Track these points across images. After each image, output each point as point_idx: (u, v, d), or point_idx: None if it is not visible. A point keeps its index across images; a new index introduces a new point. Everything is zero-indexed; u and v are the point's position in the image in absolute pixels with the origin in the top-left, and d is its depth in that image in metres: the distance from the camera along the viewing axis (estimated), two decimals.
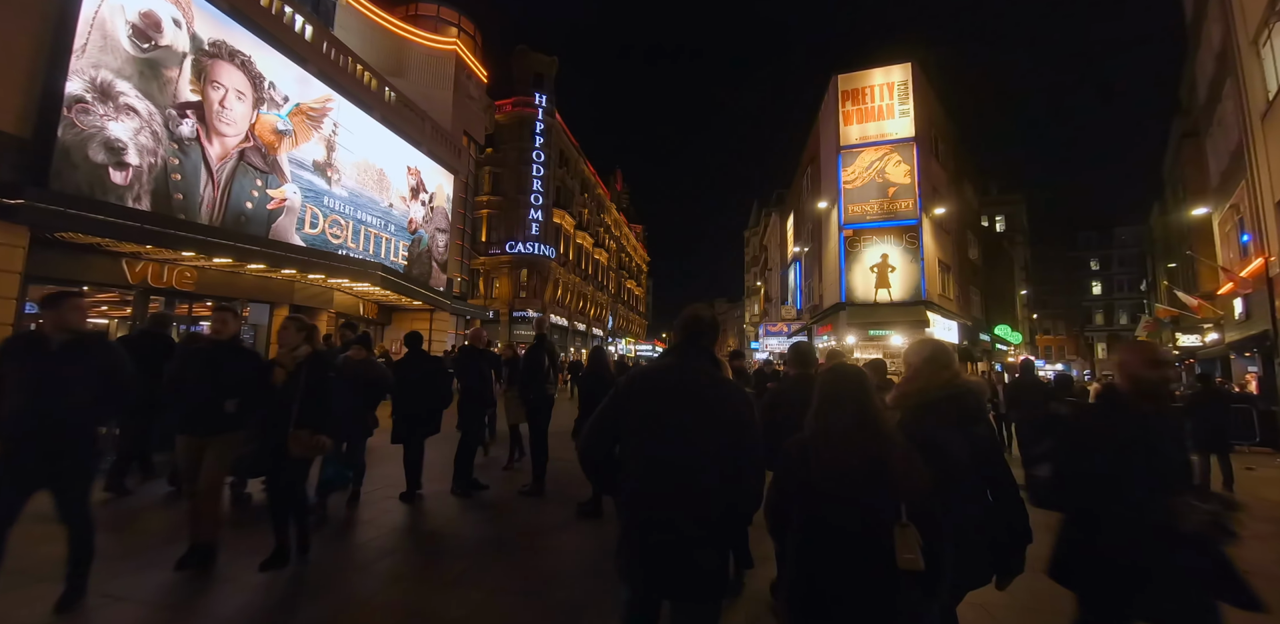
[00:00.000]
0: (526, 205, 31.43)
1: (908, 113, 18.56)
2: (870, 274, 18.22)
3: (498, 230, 31.79)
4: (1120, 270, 64.34)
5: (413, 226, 18.39)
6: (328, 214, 14.60)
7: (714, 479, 1.65)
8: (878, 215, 18.43)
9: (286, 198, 13.32)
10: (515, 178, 31.67)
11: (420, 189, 18.90)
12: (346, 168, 15.35)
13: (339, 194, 15.02)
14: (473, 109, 23.04)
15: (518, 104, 32.37)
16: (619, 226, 53.02)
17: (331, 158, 14.80)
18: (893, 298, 17.81)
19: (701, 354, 1.82)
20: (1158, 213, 34.11)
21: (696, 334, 1.85)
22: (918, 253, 17.89)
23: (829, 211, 20.37)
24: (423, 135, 18.75)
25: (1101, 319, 65.59)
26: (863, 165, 18.87)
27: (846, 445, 1.54)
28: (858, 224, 18.63)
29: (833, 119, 19.90)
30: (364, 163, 16.08)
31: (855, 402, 1.59)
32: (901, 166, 18.41)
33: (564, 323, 35.78)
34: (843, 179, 19.07)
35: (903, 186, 18.32)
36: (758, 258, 52.63)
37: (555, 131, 33.53)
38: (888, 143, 18.69)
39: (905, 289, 17.80)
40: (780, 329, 25.28)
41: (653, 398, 1.76)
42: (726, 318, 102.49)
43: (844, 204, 18.85)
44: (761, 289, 48.47)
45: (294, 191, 13.56)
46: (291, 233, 13.48)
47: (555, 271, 33.65)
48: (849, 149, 19.15)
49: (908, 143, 18.45)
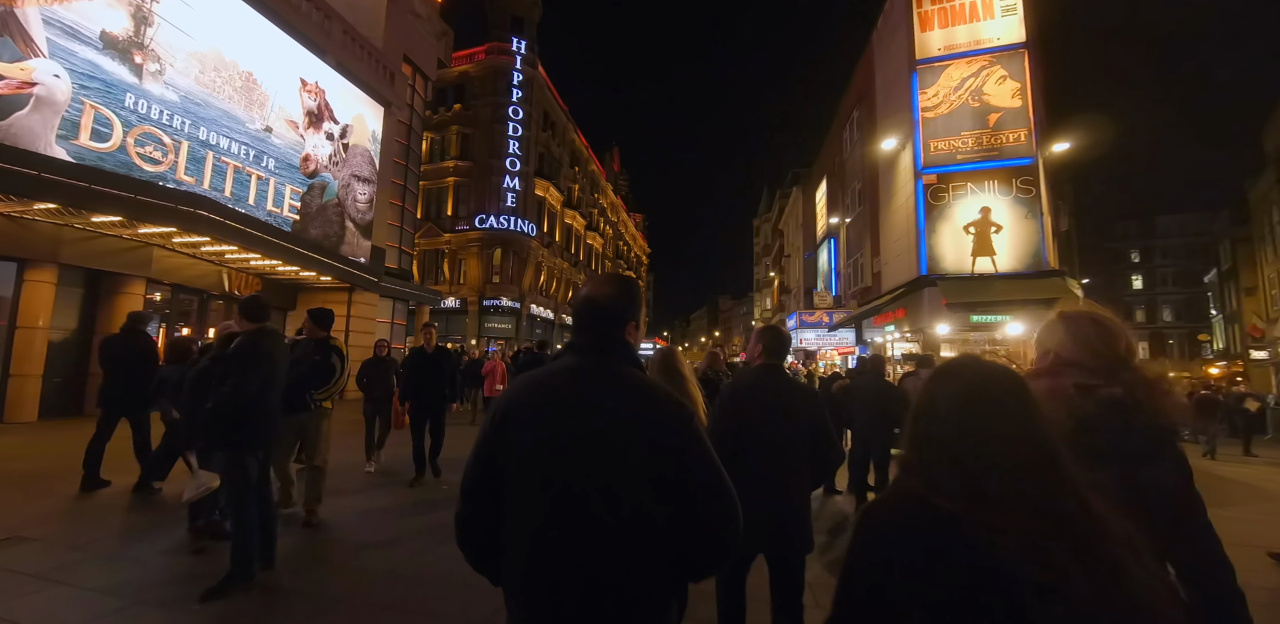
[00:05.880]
0: (501, 172, 25.92)
1: (1014, 9, 13.13)
2: (964, 236, 12.78)
3: (466, 203, 26.31)
4: (1164, 263, 59.83)
5: (310, 167, 12.87)
6: (135, 122, 9.14)
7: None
8: (973, 153, 12.99)
9: (36, 81, 7.90)
10: (488, 139, 26.18)
11: (325, 116, 13.37)
12: (178, 57, 9.86)
13: (160, 95, 9.55)
14: (417, 29, 17.57)
15: (491, 51, 26.87)
16: (616, 211, 47.52)
17: (144, 34, 9.31)
18: (997, 268, 12.38)
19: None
20: (1259, 187, 28.69)
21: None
22: (1035, 205, 12.44)
23: (896, 154, 14.91)
24: (328, 39, 13.25)
25: (1143, 316, 60.86)
26: (949, 84, 13.43)
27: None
28: (943, 166, 13.19)
29: (903, 27, 14.46)
30: (215, 56, 10.57)
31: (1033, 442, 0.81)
32: (1007, 84, 12.96)
33: (549, 315, 30.26)
34: (919, 105, 13.63)
35: (1010, 112, 12.87)
36: (770, 246, 47.24)
37: (537, 86, 28.04)
38: (987, 52, 13.25)
39: (1018, 256, 12.35)
40: (819, 320, 19.79)
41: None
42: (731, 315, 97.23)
43: (922, 139, 13.42)
44: (776, 280, 43.09)
45: (55, 74, 8.12)
46: (46, 140, 8.08)
47: (537, 253, 28.14)
48: (928, 64, 13.71)
49: (1016, 51, 13.02)
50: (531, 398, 1.16)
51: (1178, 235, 59.60)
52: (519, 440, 1.11)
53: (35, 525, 3.83)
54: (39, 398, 8.30)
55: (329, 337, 4.20)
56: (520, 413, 1.14)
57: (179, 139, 9.74)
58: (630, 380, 1.15)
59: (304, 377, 3.96)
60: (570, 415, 1.10)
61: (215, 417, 2.92)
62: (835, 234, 23.01)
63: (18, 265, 8.24)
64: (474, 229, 25.56)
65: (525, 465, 1.10)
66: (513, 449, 1.12)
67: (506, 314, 26.03)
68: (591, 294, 1.24)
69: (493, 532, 1.14)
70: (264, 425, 3.06)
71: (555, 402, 1.13)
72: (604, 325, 1.22)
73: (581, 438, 1.08)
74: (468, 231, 25.70)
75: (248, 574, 2.93)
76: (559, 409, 1.12)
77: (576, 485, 1.05)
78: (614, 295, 1.23)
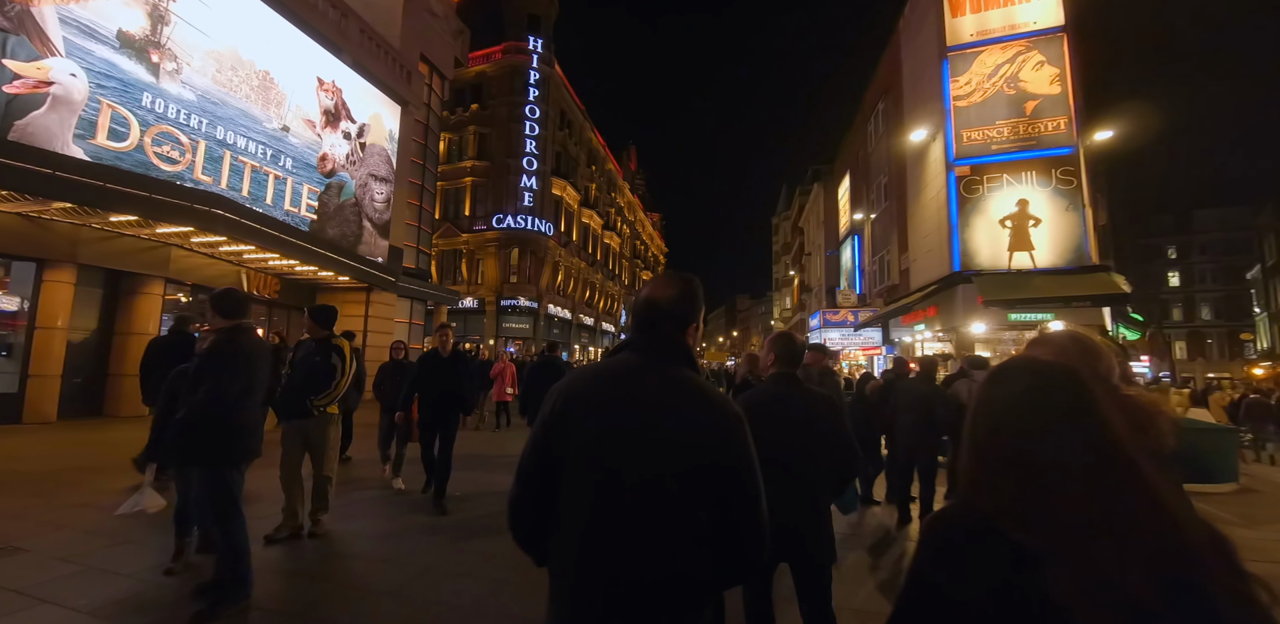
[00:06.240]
0: (518, 171, 25.80)
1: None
2: (1000, 230, 12.16)
3: (484, 203, 26.24)
4: (1202, 259, 57.62)
5: (327, 166, 12.81)
6: (152, 121, 9.09)
7: None
8: (1009, 143, 12.36)
9: (53, 80, 7.88)
10: (505, 138, 26.08)
11: (342, 115, 13.31)
12: (195, 56, 9.82)
13: (177, 94, 9.51)
14: (434, 28, 17.48)
15: (508, 51, 26.78)
16: (633, 210, 47.22)
17: (160, 33, 9.27)
18: (1035, 263, 11.75)
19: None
20: None
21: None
22: (1077, 197, 11.78)
23: (926, 146, 14.34)
24: (345, 38, 13.18)
25: (1180, 314, 58.71)
26: (983, 71, 12.82)
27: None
28: (977, 157, 12.59)
29: (932, 13, 13.89)
30: (232, 55, 10.53)
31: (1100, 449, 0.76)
32: (1045, 70, 12.32)
33: (566, 315, 30.08)
34: (951, 94, 13.04)
35: (1049, 99, 12.22)
36: (790, 244, 46.46)
37: (554, 85, 27.88)
38: (1023, 36, 12.61)
39: (1058, 250, 11.71)
40: (844, 319, 19.22)
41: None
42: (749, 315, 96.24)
43: (954, 130, 12.83)
44: (795, 279, 42.34)
45: (71, 74, 8.09)
46: (63, 139, 8.04)
47: (554, 252, 27.97)
48: (960, 51, 13.12)
49: (1054, 34, 12.37)
50: (591, 390, 1.20)
51: (1217, 230, 57.35)
52: (576, 430, 1.15)
53: (31, 535, 3.64)
54: (58, 398, 8.27)
55: (331, 335, 3.84)
56: (579, 404, 1.18)
57: (196, 138, 9.69)
58: (689, 382, 1.17)
59: (305, 380, 3.64)
60: (629, 410, 1.14)
61: (186, 428, 2.62)
62: (859, 230, 22.38)
63: (37, 265, 8.22)
64: (491, 229, 25.47)
65: (581, 455, 1.14)
66: (570, 438, 1.16)
67: (524, 314, 25.90)
68: (653, 295, 1.26)
69: (543, 516, 1.18)
70: (243, 437, 2.72)
71: (615, 396, 1.17)
72: (665, 326, 1.24)
73: (638, 433, 1.11)
74: (485, 231, 25.62)
75: (239, 595, 2.67)
76: (618, 403, 1.16)
77: (630, 477, 1.10)
78: (675, 298, 1.25)
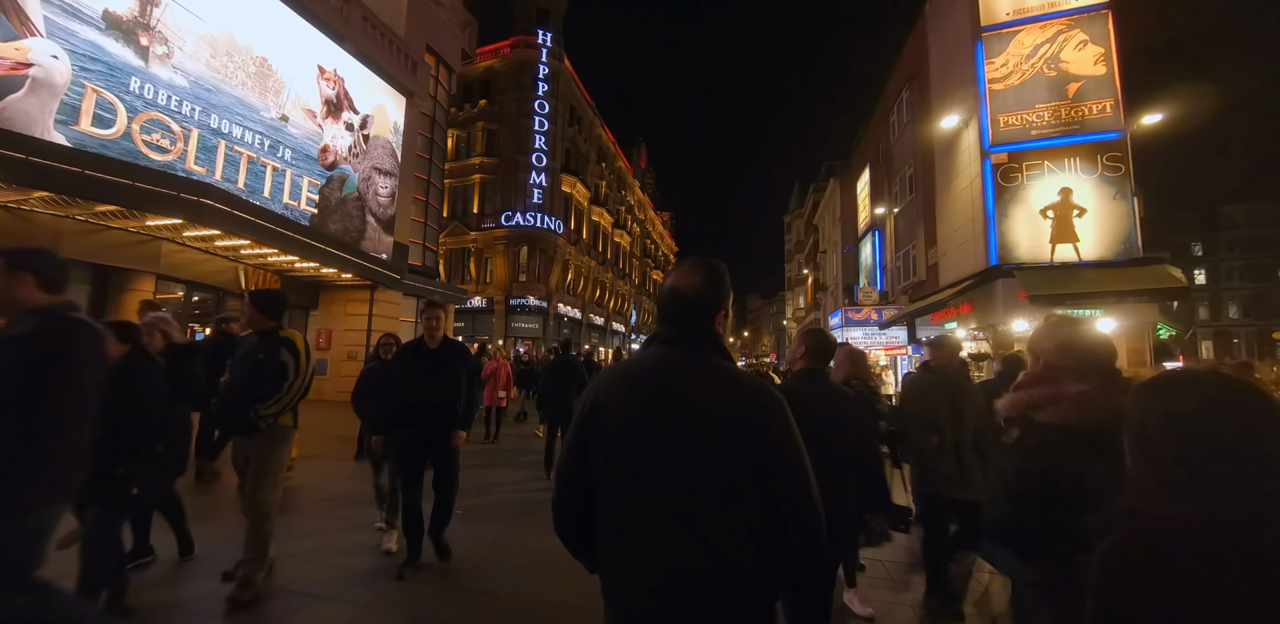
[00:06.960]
0: (527, 167, 25.24)
1: None
2: (1040, 221, 11.36)
3: (493, 200, 25.70)
4: (1230, 256, 56.15)
5: (329, 158, 12.27)
6: (140, 108, 8.57)
7: None
8: (1051, 128, 11.56)
9: (32, 62, 7.38)
10: (514, 135, 25.54)
11: (344, 105, 12.77)
12: (187, 40, 9.30)
13: (169, 80, 8.99)
14: (440, 18, 16.94)
15: (517, 45, 26.24)
16: (643, 209, 46.56)
17: (150, 15, 8.76)
18: (1080, 256, 10.94)
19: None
20: None
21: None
22: (1125, 184, 10.96)
23: (958, 133, 13.55)
24: (347, 25, 12.64)
25: (1207, 313, 57.28)
26: (1020, 52, 12.02)
27: None
28: (1016, 143, 11.79)
29: None
30: (227, 40, 10.01)
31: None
32: (1089, 49, 11.50)
33: (576, 314, 29.48)
34: (986, 77, 12.25)
35: (1093, 81, 11.41)
36: (803, 242, 45.56)
37: (563, 80, 27.31)
38: (1064, 14, 11.80)
39: (1105, 242, 10.89)
40: (867, 317, 18.43)
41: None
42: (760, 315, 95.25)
43: (990, 115, 12.04)
44: (810, 277, 41.46)
45: (53, 55, 7.59)
46: (43, 125, 7.54)
47: (564, 250, 27.38)
48: (995, 30, 12.33)
49: (1098, 12, 11.55)
50: (622, 387, 1.17)
51: (1245, 226, 55.80)
52: (610, 429, 1.13)
53: None
54: None
55: (278, 326, 3.00)
56: (611, 402, 1.15)
57: (189, 126, 9.16)
58: (721, 371, 1.14)
59: (243, 384, 2.82)
60: (663, 405, 1.11)
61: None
62: (880, 226, 21.56)
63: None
64: (500, 226, 24.94)
65: (618, 454, 1.11)
66: (604, 438, 1.14)
67: (533, 313, 25.33)
68: (677, 285, 1.22)
69: (588, 519, 1.15)
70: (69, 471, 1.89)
71: (647, 392, 1.14)
72: (692, 316, 1.20)
73: (676, 427, 1.08)
74: (494, 229, 25.09)
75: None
76: (652, 399, 1.12)
77: (669, 474, 1.06)
78: (700, 286, 1.21)
